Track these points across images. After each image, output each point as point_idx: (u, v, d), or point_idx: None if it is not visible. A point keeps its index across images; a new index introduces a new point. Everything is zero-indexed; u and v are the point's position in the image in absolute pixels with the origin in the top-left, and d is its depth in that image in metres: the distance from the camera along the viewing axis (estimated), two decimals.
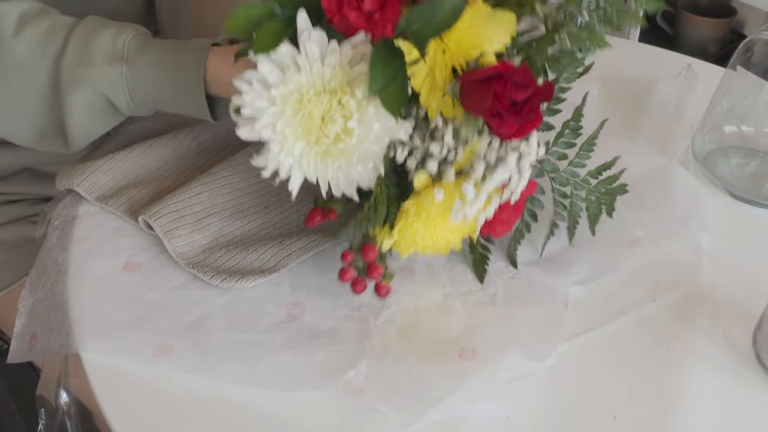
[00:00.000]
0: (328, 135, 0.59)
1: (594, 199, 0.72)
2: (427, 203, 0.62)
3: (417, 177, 0.62)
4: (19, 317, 0.70)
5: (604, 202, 0.73)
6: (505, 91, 0.57)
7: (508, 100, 0.57)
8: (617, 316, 0.69)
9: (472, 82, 0.59)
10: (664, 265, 0.74)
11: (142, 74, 0.71)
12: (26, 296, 0.72)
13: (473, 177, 0.61)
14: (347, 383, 0.61)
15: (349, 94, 0.59)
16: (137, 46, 0.71)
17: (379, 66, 0.58)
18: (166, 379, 0.62)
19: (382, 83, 0.58)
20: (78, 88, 0.71)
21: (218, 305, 0.67)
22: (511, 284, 0.71)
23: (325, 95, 0.59)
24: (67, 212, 0.75)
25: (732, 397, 0.63)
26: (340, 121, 0.59)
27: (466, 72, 0.60)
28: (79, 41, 0.71)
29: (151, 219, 0.71)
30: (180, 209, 0.72)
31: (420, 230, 0.64)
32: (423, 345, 0.65)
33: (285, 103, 0.59)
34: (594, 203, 0.73)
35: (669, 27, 1.85)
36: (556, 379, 0.63)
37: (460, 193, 0.61)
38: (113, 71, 0.70)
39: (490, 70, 0.57)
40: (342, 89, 0.59)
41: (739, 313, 0.69)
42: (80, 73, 0.71)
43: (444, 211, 0.63)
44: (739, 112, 0.84)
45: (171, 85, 0.71)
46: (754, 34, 0.82)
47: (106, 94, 0.71)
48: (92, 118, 0.73)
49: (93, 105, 0.72)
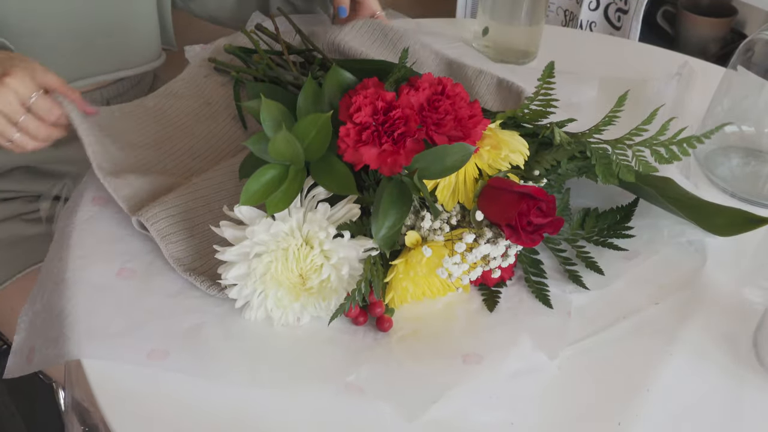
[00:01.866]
0: (310, 287, 0.64)
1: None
2: (414, 261, 0.64)
3: (407, 236, 0.65)
4: (19, 332, 0.69)
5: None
6: (529, 212, 0.63)
7: (528, 220, 0.63)
8: (619, 321, 0.68)
9: (503, 191, 0.65)
10: (666, 268, 0.73)
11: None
12: (27, 310, 0.71)
13: (464, 241, 0.64)
14: (348, 385, 0.61)
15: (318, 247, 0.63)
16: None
17: (388, 203, 0.63)
18: (166, 381, 0.61)
19: (394, 220, 0.63)
20: None
21: (215, 314, 0.66)
22: (513, 291, 0.70)
23: (304, 249, 0.63)
24: (63, 223, 0.75)
25: (734, 399, 0.63)
26: (314, 277, 0.63)
27: (499, 179, 0.66)
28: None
29: (147, 222, 0.70)
30: (175, 213, 0.71)
31: (409, 287, 0.66)
32: (426, 351, 0.65)
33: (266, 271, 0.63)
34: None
35: (669, 27, 1.85)
36: (559, 385, 0.63)
37: (449, 251, 0.65)
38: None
39: (525, 188, 0.64)
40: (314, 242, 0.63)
41: (740, 315, 0.69)
42: None
43: (430, 270, 0.66)
44: (739, 111, 0.84)
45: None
46: (754, 33, 0.82)
47: None
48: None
49: None
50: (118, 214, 0.74)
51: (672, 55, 1.07)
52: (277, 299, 0.64)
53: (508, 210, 0.64)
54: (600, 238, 0.74)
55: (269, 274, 0.63)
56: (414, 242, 0.65)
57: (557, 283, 0.70)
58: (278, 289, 0.64)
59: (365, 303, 0.65)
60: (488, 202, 0.66)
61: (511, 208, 0.63)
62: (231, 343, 0.64)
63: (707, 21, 1.77)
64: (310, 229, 0.63)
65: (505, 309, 0.68)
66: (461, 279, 0.67)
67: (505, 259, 0.67)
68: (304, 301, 0.65)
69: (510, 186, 0.65)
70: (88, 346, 0.62)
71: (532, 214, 0.63)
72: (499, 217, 0.65)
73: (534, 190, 0.64)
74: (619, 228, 0.74)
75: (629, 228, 0.74)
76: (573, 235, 0.74)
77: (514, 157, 0.67)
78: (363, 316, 0.66)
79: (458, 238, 0.64)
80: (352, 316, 0.66)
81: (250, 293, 0.64)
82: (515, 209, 0.63)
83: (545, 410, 0.61)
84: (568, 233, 0.74)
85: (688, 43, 1.79)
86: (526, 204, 0.63)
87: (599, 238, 0.74)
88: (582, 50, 0.72)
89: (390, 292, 0.66)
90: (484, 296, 0.69)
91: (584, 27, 1.68)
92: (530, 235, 0.64)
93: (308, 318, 0.66)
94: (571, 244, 0.73)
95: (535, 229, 0.64)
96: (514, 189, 0.64)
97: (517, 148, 0.68)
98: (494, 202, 0.65)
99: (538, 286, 0.69)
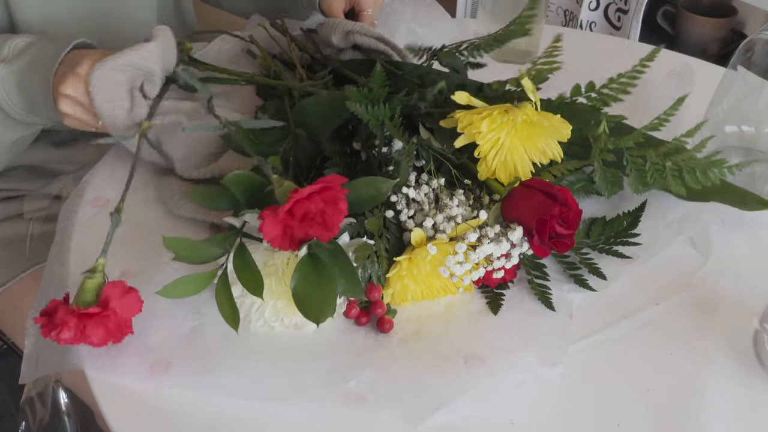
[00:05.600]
0: None
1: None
2: (419, 259, 0.65)
3: (413, 234, 0.65)
4: (28, 337, 0.69)
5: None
6: (553, 221, 0.63)
7: (551, 228, 0.63)
8: (620, 321, 0.68)
9: (538, 190, 0.65)
10: (666, 268, 0.73)
11: (15, 75, 0.73)
12: (34, 314, 0.71)
13: (466, 241, 0.65)
14: (349, 393, 0.61)
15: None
16: (21, 49, 0.74)
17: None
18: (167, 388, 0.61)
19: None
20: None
21: (213, 315, 0.65)
22: (514, 292, 0.70)
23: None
24: (63, 224, 0.75)
25: (734, 399, 0.63)
26: None
27: (534, 179, 0.67)
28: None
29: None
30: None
31: (411, 286, 0.67)
32: (426, 353, 0.65)
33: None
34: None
35: (669, 27, 1.85)
36: (560, 385, 0.63)
37: (452, 251, 0.65)
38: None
39: (557, 191, 0.64)
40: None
41: (741, 315, 0.69)
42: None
43: (434, 269, 0.66)
44: (739, 111, 0.84)
45: (36, 88, 0.73)
46: (754, 33, 0.82)
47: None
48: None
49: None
50: None
51: (672, 55, 1.07)
52: (277, 310, 0.64)
53: (532, 214, 0.64)
54: (605, 246, 0.74)
55: (266, 290, 0.63)
56: (419, 240, 0.65)
57: (557, 284, 0.70)
58: (276, 301, 0.64)
59: (367, 302, 0.65)
60: (518, 200, 0.66)
61: (544, 208, 0.63)
62: (232, 349, 0.64)
63: (707, 21, 1.77)
64: None
65: (506, 310, 0.68)
66: (463, 279, 0.67)
67: (509, 260, 0.67)
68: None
69: (547, 187, 0.65)
70: (90, 359, 0.62)
71: (556, 224, 0.63)
72: (528, 216, 0.65)
73: (568, 198, 0.64)
74: (625, 235, 0.75)
75: (635, 235, 0.75)
76: (578, 243, 0.74)
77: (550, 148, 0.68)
78: (365, 316, 0.66)
79: (462, 238, 0.64)
80: (354, 317, 0.66)
81: (249, 306, 0.64)
82: (536, 215, 0.63)
83: (545, 410, 0.61)
84: None
85: (688, 43, 1.79)
86: (558, 209, 0.63)
87: (604, 245, 0.74)
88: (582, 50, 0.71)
89: (389, 288, 0.66)
90: (487, 299, 0.69)
91: (584, 27, 1.68)
92: (546, 243, 0.64)
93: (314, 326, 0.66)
94: (575, 251, 0.73)
95: (554, 237, 0.64)
96: (548, 190, 0.64)
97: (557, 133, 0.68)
98: (525, 200, 0.65)
99: (541, 289, 0.69)
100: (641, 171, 0.72)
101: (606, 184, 0.74)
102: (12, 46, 0.74)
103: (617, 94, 0.72)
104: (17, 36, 0.76)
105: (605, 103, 0.73)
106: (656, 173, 0.71)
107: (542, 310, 0.68)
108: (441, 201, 0.68)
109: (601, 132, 0.70)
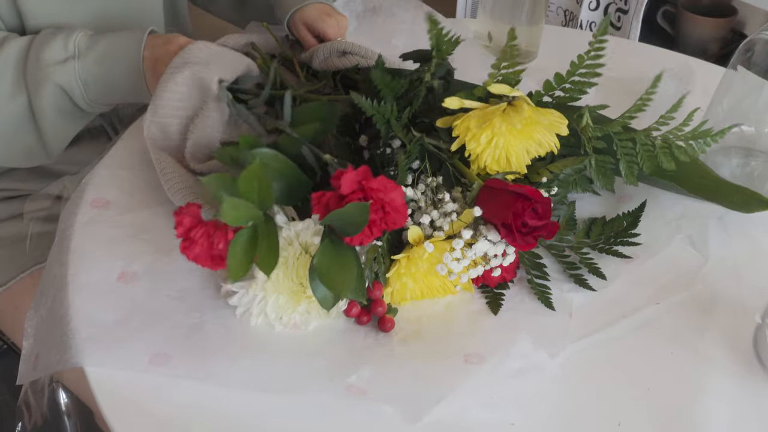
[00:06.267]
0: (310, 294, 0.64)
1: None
2: (417, 257, 0.65)
3: (410, 232, 0.65)
4: (27, 338, 0.69)
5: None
6: (524, 213, 0.63)
7: (523, 221, 0.63)
8: (620, 321, 0.68)
9: (499, 191, 0.65)
10: (666, 268, 0.73)
11: (91, 68, 0.81)
12: (32, 316, 0.71)
13: (462, 239, 0.65)
14: (350, 387, 0.61)
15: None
16: (86, 43, 0.81)
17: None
18: (168, 383, 0.61)
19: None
20: (41, 89, 0.80)
21: (214, 314, 0.66)
22: (514, 291, 0.70)
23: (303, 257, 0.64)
24: (63, 225, 0.75)
25: (734, 399, 0.63)
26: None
27: (494, 179, 0.67)
28: (35, 52, 0.80)
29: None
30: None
31: (410, 284, 0.67)
32: (427, 351, 0.65)
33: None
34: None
35: (669, 27, 1.85)
36: (560, 385, 0.63)
37: (449, 248, 0.65)
38: (67, 69, 0.80)
39: (521, 188, 0.64)
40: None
41: (741, 315, 0.69)
42: (41, 77, 0.80)
43: (431, 266, 0.66)
44: (739, 111, 0.84)
45: (117, 74, 0.81)
46: (754, 33, 0.82)
47: (65, 90, 0.81)
48: (61, 118, 0.83)
49: (57, 105, 0.82)
50: (118, 216, 0.74)
51: (672, 55, 1.07)
52: (278, 306, 0.64)
53: (503, 210, 0.64)
54: (605, 246, 0.74)
55: (270, 282, 0.63)
56: (417, 239, 0.65)
57: (557, 283, 0.70)
58: (278, 296, 0.64)
59: (368, 301, 0.65)
60: (485, 202, 0.66)
61: (507, 208, 0.63)
62: (232, 345, 0.64)
63: (707, 21, 1.77)
64: (304, 237, 0.64)
65: (506, 309, 0.68)
66: (461, 277, 0.67)
67: (505, 257, 0.67)
68: (308, 306, 0.65)
69: (505, 186, 0.65)
70: (89, 354, 0.62)
71: (527, 215, 0.63)
72: (496, 217, 0.65)
73: (530, 191, 0.64)
74: (625, 235, 0.75)
75: (635, 235, 0.75)
76: (578, 243, 0.74)
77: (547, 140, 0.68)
78: (366, 315, 0.66)
79: (458, 235, 0.65)
80: (355, 316, 0.66)
81: (250, 300, 0.64)
82: (510, 209, 0.63)
83: (545, 410, 0.61)
84: (573, 242, 0.74)
85: (688, 43, 1.79)
86: (521, 204, 0.63)
87: (604, 245, 0.74)
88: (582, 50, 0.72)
89: (388, 286, 0.66)
90: (487, 298, 0.69)
91: (584, 27, 1.68)
92: (524, 237, 0.64)
93: (314, 324, 0.66)
94: (575, 251, 0.73)
95: (530, 231, 0.64)
96: (509, 189, 0.64)
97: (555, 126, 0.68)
98: (491, 201, 0.65)
99: (541, 289, 0.69)
100: (631, 155, 0.72)
101: (598, 174, 0.74)
102: (76, 43, 0.81)
103: (589, 79, 0.71)
104: (67, 31, 0.82)
105: (581, 90, 0.72)
106: (646, 154, 0.71)
107: (542, 310, 0.68)
108: (437, 197, 0.68)
109: (585, 123, 0.70)
